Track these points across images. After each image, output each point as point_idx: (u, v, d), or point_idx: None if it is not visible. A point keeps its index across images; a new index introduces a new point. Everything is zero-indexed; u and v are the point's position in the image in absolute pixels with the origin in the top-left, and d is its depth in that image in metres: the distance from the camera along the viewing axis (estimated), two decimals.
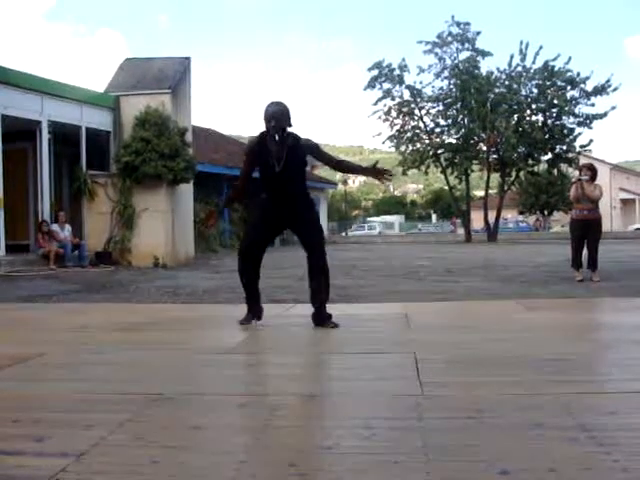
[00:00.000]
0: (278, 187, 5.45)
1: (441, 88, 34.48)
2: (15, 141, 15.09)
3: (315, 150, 5.61)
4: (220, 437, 2.76)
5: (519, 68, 33.24)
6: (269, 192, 5.55)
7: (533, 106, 33.71)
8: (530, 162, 35.05)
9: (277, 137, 5.34)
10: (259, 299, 5.78)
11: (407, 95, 34.62)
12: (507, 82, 33.44)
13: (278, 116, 5.34)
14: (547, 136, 33.14)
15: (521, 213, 59.14)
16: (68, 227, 15.28)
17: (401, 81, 34.27)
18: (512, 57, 33.36)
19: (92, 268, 14.54)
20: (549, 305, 7.20)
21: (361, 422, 2.87)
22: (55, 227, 14.96)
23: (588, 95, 32.59)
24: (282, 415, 3.06)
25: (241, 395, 3.49)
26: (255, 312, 5.71)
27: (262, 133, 5.48)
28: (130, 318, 6.62)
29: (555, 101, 32.77)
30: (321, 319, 5.55)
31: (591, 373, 4.02)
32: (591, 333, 5.54)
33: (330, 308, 5.71)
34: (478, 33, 33.60)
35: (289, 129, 5.43)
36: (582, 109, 32.93)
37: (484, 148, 34.37)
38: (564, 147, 33.77)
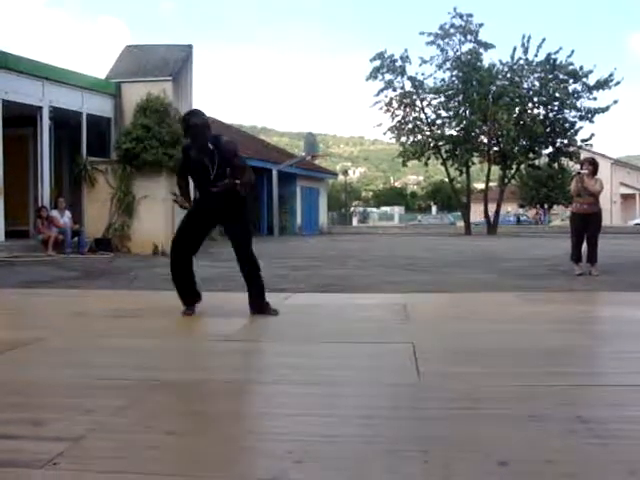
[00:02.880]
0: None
1: (443, 80, 34.45)
2: (16, 127, 15.07)
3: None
4: (218, 424, 2.76)
5: (521, 61, 33.18)
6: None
7: (535, 99, 33.66)
8: (531, 155, 35.02)
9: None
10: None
11: (409, 86, 34.60)
12: (509, 75, 33.37)
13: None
14: (548, 129, 33.11)
15: (521, 206, 59.16)
16: (68, 213, 15.27)
17: (403, 72, 34.22)
18: (515, 50, 33.34)
19: (91, 255, 14.54)
20: (548, 298, 7.20)
21: (359, 411, 2.87)
22: (55, 213, 14.95)
23: (590, 89, 32.53)
24: (280, 402, 3.06)
25: (239, 382, 3.49)
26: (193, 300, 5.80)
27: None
28: (129, 305, 6.62)
29: (557, 94, 32.72)
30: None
31: (589, 366, 4.02)
32: (589, 326, 5.54)
33: (330, 298, 5.71)
34: (481, 25, 33.58)
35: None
36: (584, 103, 32.93)
37: (485, 140, 34.34)
38: (565, 141, 33.75)
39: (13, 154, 14.81)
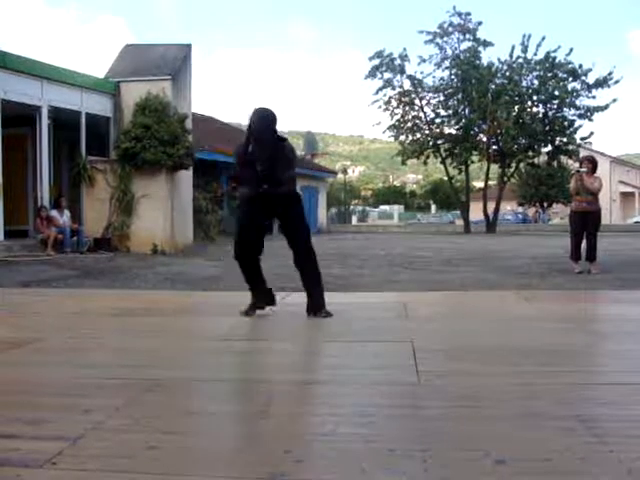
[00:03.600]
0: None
1: (442, 78, 34.44)
2: (15, 126, 15.05)
3: None
4: (217, 423, 2.76)
5: (520, 59, 33.17)
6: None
7: (534, 97, 33.66)
8: (530, 154, 35.02)
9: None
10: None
11: (408, 85, 34.60)
12: (508, 73, 33.37)
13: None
14: (547, 128, 33.12)
15: (520, 205, 59.16)
16: (67, 213, 15.26)
17: (402, 71, 34.22)
18: (513, 48, 33.33)
19: (90, 254, 14.53)
20: (547, 296, 7.21)
21: (358, 410, 2.87)
22: (54, 212, 14.94)
23: (589, 87, 32.54)
24: (278, 402, 3.06)
25: (237, 382, 3.50)
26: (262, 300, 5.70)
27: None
28: (128, 304, 6.62)
29: (556, 93, 32.72)
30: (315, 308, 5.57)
31: (588, 364, 4.02)
32: (588, 325, 5.54)
33: (328, 296, 5.71)
34: (479, 23, 33.58)
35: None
36: (583, 101, 32.93)
37: (484, 139, 34.34)
38: (564, 139, 33.75)
39: (12, 154, 14.79)
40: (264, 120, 5.37)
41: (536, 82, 33.33)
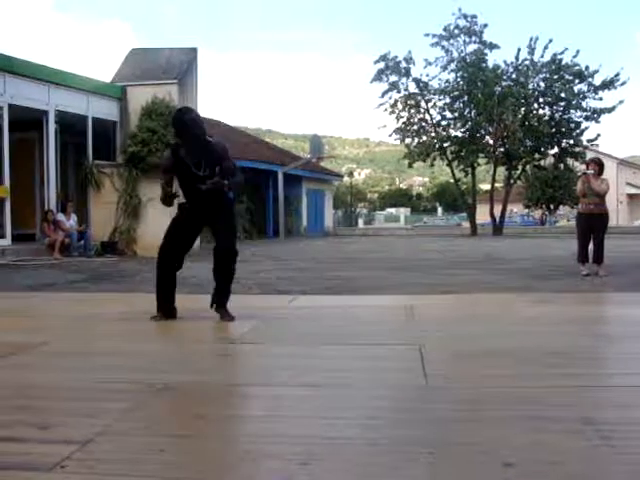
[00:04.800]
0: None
1: (447, 81, 34.39)
2: (22, 131, 15.13)
3: None
4: (224, 427, 2.77)
5: (526, 62, 33.12)
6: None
7: (540, 99, 33.60)
8: (537, 156, 34.95)
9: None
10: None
11: (413, 88, 34.56)
12: (514, 75, 33.33)
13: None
14: (554, 130, 33.03)
15: (527, 207, 59.00)
16: (74, 216, 15.33)
17: (407, 74, 34.19)
18: (519, 50, 33.28)
19: (97, 258, 14.57)
20: (554, 299, 7.19)
21: (365, 413, 2.88)
22: (61, 216, 15.00)
23: (596, 89, 32.46)
24: (285, 405, 3.07)
25: (244, 385, 3.50)
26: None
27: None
28: (135, 308, 6.62)
29: (562, 95, 32.65)
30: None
31: (595, 367, 4.02)
32: (595, 327, 5.53)
33: (335, 299, 5.71)
34: (485, 26, 33.49)
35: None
36: (590, 103, 32.84)
37: (490, 141, 34.27)
38: (571, 141, 33.68)
39: (19, 158, 14.86)
40: (197, 121, 5.38)
41: (542, 84, 33.26)
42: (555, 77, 32.55)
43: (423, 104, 34.83)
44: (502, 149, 33.99)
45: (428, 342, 4.45)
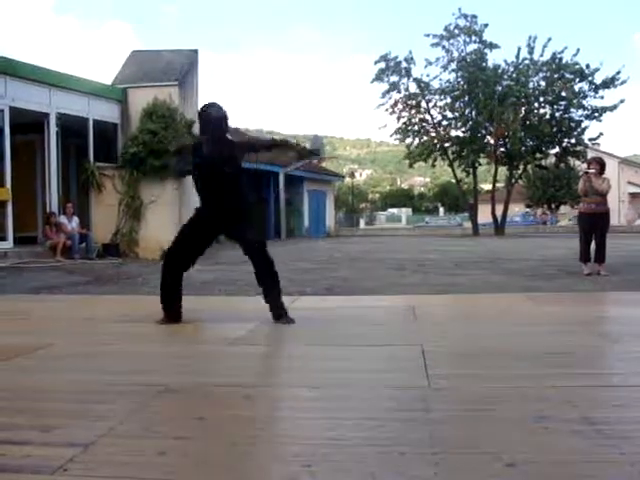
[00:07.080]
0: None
1: (448, 81, 34.46)
2: (23, 133, 15.14)
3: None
4: (227, 428, 2.77)
5: (527, 61, 33.13)
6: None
7: (541, 99, 33.62)
8: (538, 155, 34.97)
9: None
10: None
11: (414, 88, 34.59)
12: (514, 75, 33.33)
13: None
14: (555, 129, 33.04)
15: (528, 207, 59.03)
16: (76, 219, 15.32)
17: (408, 74, 34.23)
18: (519, 50, 33.29)
19: (99, 260, 14.57)
20: (556, 298, 7.19)
21: (367, 413, 2.88)
22: (63, 219, 15.00)
23: (597, 88, 32.45)
24: (287, 406, 3.07)
25: (246, 386, 3.50)
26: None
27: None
28: (137, 310, 6.63)
29: (563, 94, 32.65)
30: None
31: (597, 366, 4.02)
32: (597, 327, 5.52)
33: (336, 300, 5.71)
34: (485, 25, 33.54)
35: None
36: (590, 102, 32.85)
37: (491, 141, 34.29)
38: (572, 140, 33.68)
39: (21, 161, 14.87)
40: (224, 120, 5.38)
41: (543, 83, 33.29)
42: (555, 76, 32.56)
43: (424, 104, 34.87)
44: (503, 149, 34.02)
45: (430, 342, 4.45)
